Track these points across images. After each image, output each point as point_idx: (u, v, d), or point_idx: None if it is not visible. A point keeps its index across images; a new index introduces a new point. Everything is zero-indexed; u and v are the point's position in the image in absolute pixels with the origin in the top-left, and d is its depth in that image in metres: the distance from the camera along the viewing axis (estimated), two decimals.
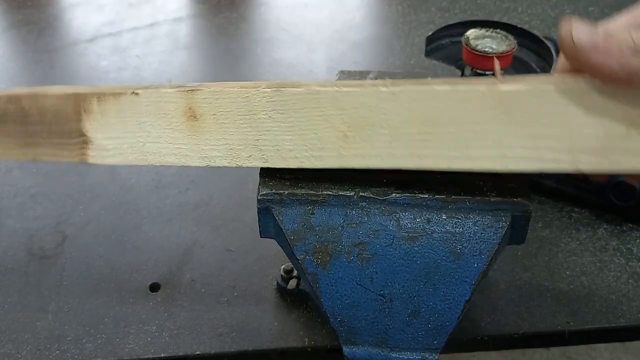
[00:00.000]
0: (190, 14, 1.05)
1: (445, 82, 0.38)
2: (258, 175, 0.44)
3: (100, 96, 0.43)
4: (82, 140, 0.45)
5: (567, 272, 0.57)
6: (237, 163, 0.43)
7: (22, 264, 0.58)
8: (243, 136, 0.42)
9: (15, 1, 1.07)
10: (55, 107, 0.44)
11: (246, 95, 0.41)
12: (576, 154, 0.37)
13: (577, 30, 0.34)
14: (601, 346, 1.31)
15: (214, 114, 0.42)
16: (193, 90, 0.42)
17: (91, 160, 0.45)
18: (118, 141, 0.44)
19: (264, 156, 0.43)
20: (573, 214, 0.63)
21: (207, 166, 0.44)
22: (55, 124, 0.45)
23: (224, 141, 0.43)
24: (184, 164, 0.44)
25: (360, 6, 1.10)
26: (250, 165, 0.43)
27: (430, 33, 0.73)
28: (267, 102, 0.41)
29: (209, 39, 1.00)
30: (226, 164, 0.43)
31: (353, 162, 0.41)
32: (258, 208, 0.43)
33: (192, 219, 0.63)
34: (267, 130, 0.42)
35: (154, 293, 0.56)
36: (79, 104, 0.44)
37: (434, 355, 0.44)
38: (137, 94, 0.43)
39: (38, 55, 0.93)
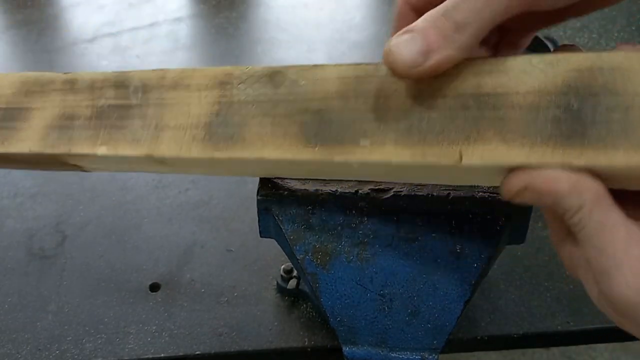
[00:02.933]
0: (190, 14, 1.05)
1: (406, 142, 0.34)
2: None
3: (68, 156, 0.44)
4: (76, 167, 0.46)
5: (567, 272, 0.57)
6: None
7: (22, 264, 0.58)
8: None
9: (15, 1, 1.07)
10: (30, 159, 0.45)
11: (203, 162, 0.40)
12: None
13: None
14: (601, 346, 1.31)
15: (179, 167, 0.43)
16: (149, 155, 0.41)
17: (91, 171, 0.47)
18: (110, 168, 0.46)
19: None
20: None
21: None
22: (41, 164, 0.46)
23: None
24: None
25: (360, 6, 1.10)
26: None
27: None
28: (222, 168, 0.41)
29: (209, 39, 1.00)
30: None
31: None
32: (258, 208, 0.43)
33: (192, 219, 0.63)
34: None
35: (154, 293, 0.56)
36: (54, 157, 0.45)
37: (433, 355, 0.44)
38: (99, 155, 0.43)
39: (38, 55, 0.93)
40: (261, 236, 0.45)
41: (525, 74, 0.32)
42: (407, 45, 0.32)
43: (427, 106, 0.34)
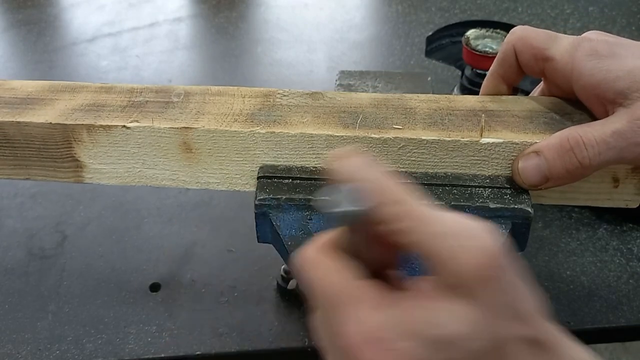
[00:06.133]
0: (190, 14, 1.05)
1: (432, 128, 0.42)
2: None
3: (90, 128, 0.43)
4: (76, 165, 0.45)
5: (567, 272, 0.57)
6: (235, 188, 0.45)
7: (22, 264, 0.58)
8: (239, 167, 0.44)
9: (16, 1, 1.07)
10: (42, 135, 0.44)
11: (241, 135, 0.43)
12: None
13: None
14: (601, 346, 1.30)
15: (209, 149, 0.44)
16: (187, 128, 0.43)
17: (87, 181, 0.46)
18: (113, 166, 0.45)
19: None
20: (573, 214, 0.63)
21: (205, 189, 0.46)
22: (44, 149, 0.45)
23: (221, 171, 0.45)
24: (182, 187, 0.46)
25: (360, 6, 1.10)
26: (247, 190, 0.45)
27: (430, 33, 0.73)
28: (262, 141, 0.43)
29: (209, 39, 1.00)
30: (223, 189, 0.46)
31: None
32: (255, 213, 0.42)
33: (192, 219, 0.63)
34: (263, 163, 0.44)
35: (154, 293, 0.56)
36: (67, 133, 0.44)
37: None
38: (128, 127, 0.43)
39: (38, 55, 0.93)
40: (258, 241, 0.44)
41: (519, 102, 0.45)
42: (533, 172, 0.40)
43: (447, 113, 0.44)
